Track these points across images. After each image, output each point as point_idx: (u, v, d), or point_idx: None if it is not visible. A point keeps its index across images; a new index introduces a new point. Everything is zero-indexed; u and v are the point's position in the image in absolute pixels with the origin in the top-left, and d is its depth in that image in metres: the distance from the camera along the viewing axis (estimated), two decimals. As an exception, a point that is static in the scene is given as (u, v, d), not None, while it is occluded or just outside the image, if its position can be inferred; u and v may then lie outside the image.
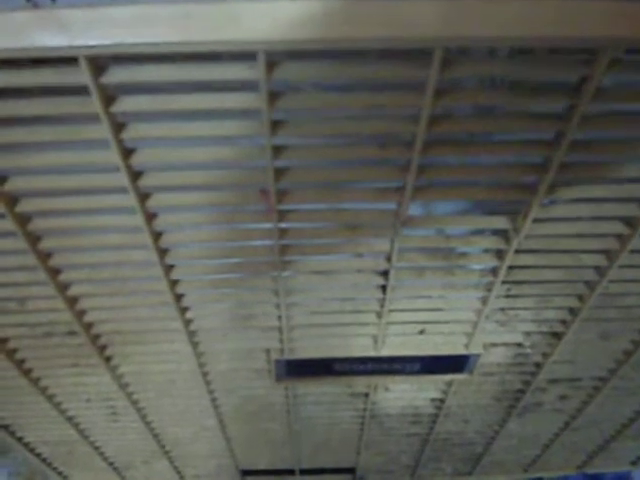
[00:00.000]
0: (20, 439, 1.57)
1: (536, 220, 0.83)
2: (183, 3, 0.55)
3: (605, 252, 0.92)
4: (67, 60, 0.59)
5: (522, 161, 0.76)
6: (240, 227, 0.86)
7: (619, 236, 0.89)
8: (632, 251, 0.90)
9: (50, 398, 1.33)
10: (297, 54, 0.61)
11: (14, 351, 1.13)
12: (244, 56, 0.60)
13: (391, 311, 1.04)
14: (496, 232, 0.89)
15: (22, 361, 1.17)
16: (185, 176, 0.75)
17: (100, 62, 0.60)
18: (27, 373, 1.21)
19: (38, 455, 1.69)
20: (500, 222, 0.86)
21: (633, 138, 0.73)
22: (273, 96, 0.63)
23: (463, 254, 0.93)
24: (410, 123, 0.67)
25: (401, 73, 0.61)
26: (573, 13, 0.55)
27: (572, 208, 0.83)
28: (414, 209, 0.83)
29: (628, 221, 0.86)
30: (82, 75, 0.60)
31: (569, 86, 0.65)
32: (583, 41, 0.57)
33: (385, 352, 1.17)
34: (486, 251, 0.93)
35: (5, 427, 1.48)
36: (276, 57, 0.60)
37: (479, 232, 0.91)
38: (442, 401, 1.44)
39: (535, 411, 1.53)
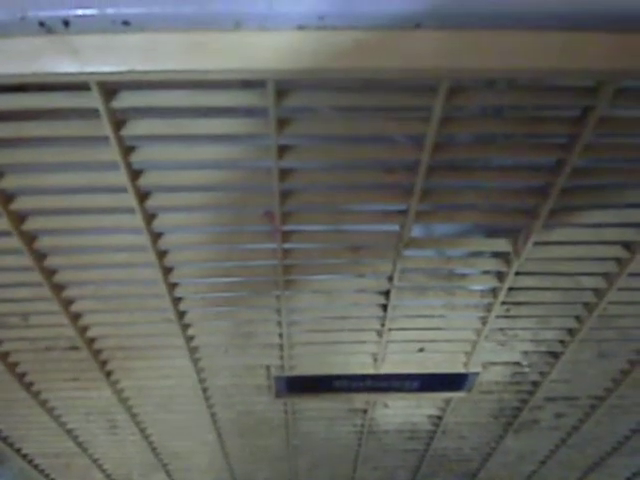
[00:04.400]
0: (18, 450, 1.57)
1: (537, 243, 0.84)
2: (194, 32, 0.56)
3: (604, 275, 0.93)
4: (78, 84, 0.60)
5: (524, 186, 0.77)
6: (244, 247, 0.86)
7: (618, 260, 0.90)
8: (630, 274, 0.91)
9: (50, 411, 1.33)
10: (306, 82, 0.62)
11: (15, 364, 1.14)
12: (253, 83, 0.61)
13: (391, 330, 1.05)
14: (497, 254, 0.90)
15: (23, 374, 1.18)
16: (191, 198, 0.76)
17: (111, 86, 0.61)
18: (28, 386, 1.21)
19: (36, 466, 1.70)
20: (501, 245, 0.87)
21: (634, 165, 0.74)
22: (281, 122, 0.64)
23: (464, 275, 0.94)
24: (415, 149, 0.68)
25: (407, 102, 0.62)
26: (578, 46, 0.56)
27: (572, 232, 0.84)
28: (416, 231, 0.84)
29: (627, 245, 0.87)
30: (93, 99, 0.61)
31: (572, 115, 0.66)
32: (588, 73, 0.58)
33: (384, 370, 1.17)
34: (487, 272, 0.94)
35: (4, 438, 1.48)
36: (285, 85, 0.61)
37: (480, 254, 0.92)
38: (440, 418, 1.45)
39: (532, 428, 1.53)
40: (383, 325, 1.03)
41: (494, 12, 0.55)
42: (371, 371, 1.18)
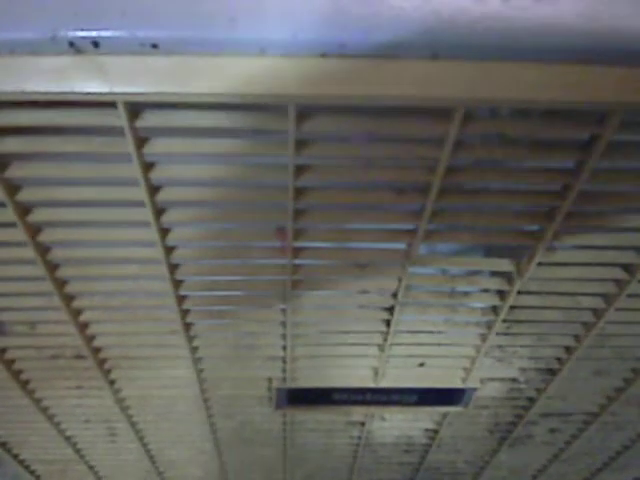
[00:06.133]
0: (16, 456, 1.57)
1: (540, 264, 0.86)
2: (220, 56, 0.57)
3: (603, 295, 0.96)
4: (103, 102, 0.61)
5: (529, 209, 0.79)
6: (254, 262, 0.88)
7: (617, 281, 0.92)
8: (629, 295, 0.93)
9: (50, 418, 1.34)
10: (324, 107, 0.64)
11: (20, 372, 1.15)
12: (269, 106, 0.63)
13: (393, 345, 1.07)
14: (500, 273, 0.92)
15: (26, 382, 1.19)
16: (205, 213, 0.78)
17: (136, 106, 0.63)
18: (30, 393, 1.22)
19: (32, 472, 1.70)
20: (505, 265, 0.89)
21: (637, 190, 0.77)
22: (299, 144, 0.66)
23: (467, 293, 0.96)
24: (427, 172, 0.70)
25: (422, 128, 0.65)
26: (590, 79, 0.58)
27: (575, 254, 0.86)
28: (422, 249, 0.86)
29: (627, 267, 0.89)
30: (118, 118, 0.62)
31: (579, 143, 0.68)
32: (598, 105, 0.60)
33: (384, 384, 1.19)
34: (489, 291, 0.96)
35: (2, 444, 1.49)
36: (303, 109, 0.63)
37: (483, 273, 0.94)
38: (436, 432, 1.47)
39: (525, 443, 1.55)
40: (385, 340, 1.05)
41: (508, 45, 0.57)
42: (371, 385, 1.20)
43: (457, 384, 1.20)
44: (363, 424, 1.43)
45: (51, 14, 0.56)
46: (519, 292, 0.93)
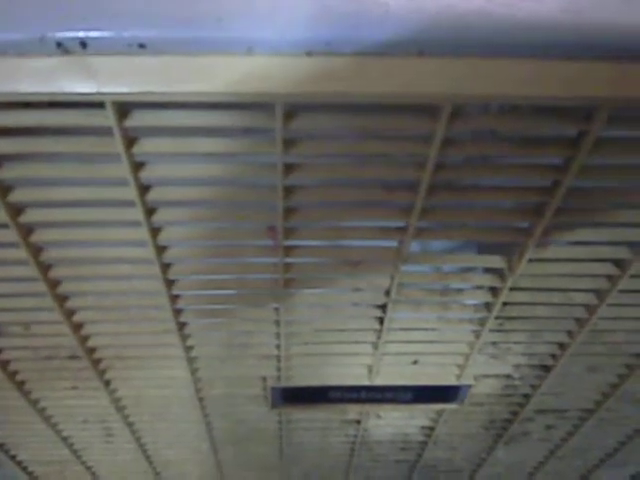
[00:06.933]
0: (13, 457, 1.57)
1: (531, 260, 0.86)
2: (208, 55, 0.58)
3: (595, 291, 0.96)
4: (92, 102, 0.62)
5: (520, 205, 0.80)
6: (246, 261, 0.88)
7: (609, 277, 0.92)
8: (621, 291, 0.93)
9: (47, 419, 1.34)
10: (312, 104, 0.64)
11: (15, 373, 1.15)
12: (258, 105, 0.63)
13: (387, 342, 1.07)
14: (492, 270, 0.92)
15: (22, 382, 1.19)
16: (196, 213, 0.78)
17: (124, 106, 0.63)
18: (26, 394, 1.22)
19: (30, 473, 1.70)
20: (496, 261, 0.89)
21: (627, 185, 0.77)
22: (287, 142, 0.66)
23: (459, 290, 0.96)
24: (416, 169, 0.71)
25: (409, 125, 0.65)
26: (577, 74, 0.58)
27: (566, 250, 0.86)
28: (414, 246, 0.86)
29: (618, 263, 0.89)
30: (107, 118, 0.62)
31: (567, 139, 0.69)
32: (586, 100, 0.61)
33: (379, 381, 1.19)
34: (481, 288, 0.96)
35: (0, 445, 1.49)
36: (291, 107, 0.63)
37: (475, 270, 0.94)
38: (432, 429, 1.47)
39: (522, 440, 1.55)
40: (379, 338, 1.05)
41: (495, 41, 0.57)
42: (366, 382, 1.20)
43: (451, 381, 1.20)
44: (359, 422, 1.43)
45: (39, 15, 0.56)
46: (511, 289, 0.93)
